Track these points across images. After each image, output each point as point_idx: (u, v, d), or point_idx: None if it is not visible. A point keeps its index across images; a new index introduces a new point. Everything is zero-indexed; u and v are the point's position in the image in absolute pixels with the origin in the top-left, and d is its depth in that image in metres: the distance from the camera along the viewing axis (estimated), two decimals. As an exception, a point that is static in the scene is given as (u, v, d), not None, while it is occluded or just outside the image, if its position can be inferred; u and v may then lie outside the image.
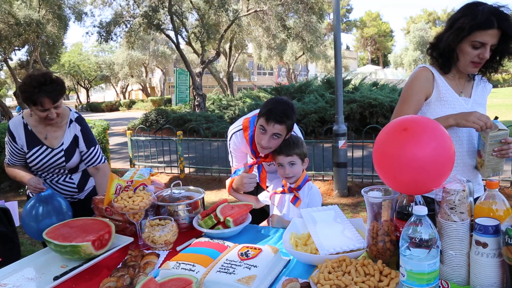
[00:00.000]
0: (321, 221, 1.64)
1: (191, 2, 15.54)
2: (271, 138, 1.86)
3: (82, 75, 37.30)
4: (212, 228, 1.74)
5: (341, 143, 5.25)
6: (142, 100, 38.56)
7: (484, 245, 1.08)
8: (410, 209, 1.27)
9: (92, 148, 2.27)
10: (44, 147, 2.13)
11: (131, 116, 24.44)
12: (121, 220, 1.83)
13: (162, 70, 38.38)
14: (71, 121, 2.20)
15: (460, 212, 1.13)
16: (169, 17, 14.87)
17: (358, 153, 6.44)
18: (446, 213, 1.14)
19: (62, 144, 2.16)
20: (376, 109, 9.91)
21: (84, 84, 40.01)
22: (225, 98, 19.11)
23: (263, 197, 2.15)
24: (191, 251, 1.49)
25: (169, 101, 29.88)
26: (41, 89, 1.90)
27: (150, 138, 7.52)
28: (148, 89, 42.27)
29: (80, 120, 2.25)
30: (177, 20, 15.29)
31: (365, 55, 62.86)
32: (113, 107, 38.21)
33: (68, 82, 39.38)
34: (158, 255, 1.56)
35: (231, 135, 2.15)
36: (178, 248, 1.65)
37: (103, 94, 51.55)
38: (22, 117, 2.13)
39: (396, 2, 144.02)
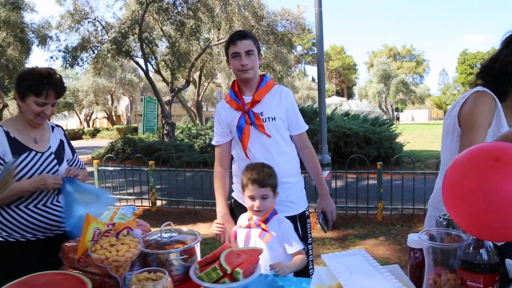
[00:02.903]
0: (352, 270, 1.35)
1: (161, 29, 15.38)
2: (246, 57, 1.97)
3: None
4: (215, 281, 1.41)
5: (325, 173, 5.03)
6: (107, 129, 37.38)
7: None
8: (480, 258, 1.02)
9: (75, 155, 2.18)
10: (33, 152, 1.87)
11: (95, 144, 23.43)
12: (98, 273, 1.45)
13: (129, 98, 37.64)
14: (52, 127, 2.07)
15: None
16: (138, 44, 14.58)
17: (338, 184, 6.25)
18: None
19: (50, 147, 1.97)
20: (351, 139, 9.88)
21: (45, 111, 38.35)
22: (195, 127, 18.75)
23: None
24: (196, 317, 1.14)
25: (135, 129, 29.10)
26: (50, 80, 1.80)
27: (119, 168, 7.02)
28: (114, 117, 41.13)
29: (61, 127, 2.16)
30: (147, 48, 15.02)
31: (330, 87, 64.76)
32: (76, 135, 36.66)
33: (27, 109, 37.64)
34: (149, 321, 1.20)
35: (216, 107, 2.19)
36: (173, 310, 1.30)
37: (66, 122, 49.55)
38: (1, 126, 1.84)
39: (359, 37, 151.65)
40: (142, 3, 13.44)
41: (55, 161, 1.94)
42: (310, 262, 2.10)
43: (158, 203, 6.72)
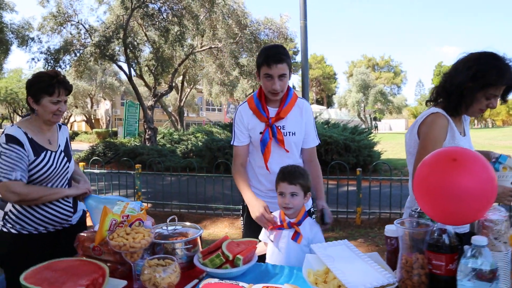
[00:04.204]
0: (337, 256, 1.56)
1: (145, 35, 15.43)
2: (278, 80, 1.98)
3: (20, 103, 34.81)
4: (218, 267, 1.59)
5: (308, 178, 5.25)
6: (86, 132, 36.80)
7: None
8: (443, 241, 1.25)
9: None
10: (49, 152, 2.03)
11: (74, 148, 22.99)
12: (112, 260, 1.62)
13: (110, 102, 37.21)
14: (59, 126, 2.21)
15: (503, 241, 1.13)
16: (122, 48, 14.58)
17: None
18: (491, 243, 1.13)
19: (59, 146, 2.13)
20: (331, 147, 10.19)
21: (22, 112, 37.34)
22: (177, 133, 18.79)
23: (264, 237, 2.02)
24: (205, 294, 1.33)
25: (115, 133, 28.79)
26: (58, 79, 1.96)
27: (105, 171, 7.07)
28: (93, 121, 40.53)
29: (66, 126, 2.30)
30: (131, 53, 15.03)
31: (311, 96, 65.65)
32: (52, 138, 35.78)
33: (3, 110, 36.65)
34: (161, 300, 1.38)
35: (237, 109, 2.24)
36: (182, 291, 1.48)
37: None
38: (18, 127, 1.97)
39: (339, 47, 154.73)
40: (127, 8, 13.50)
41: (66, 158, 2.11)
42: None
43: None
